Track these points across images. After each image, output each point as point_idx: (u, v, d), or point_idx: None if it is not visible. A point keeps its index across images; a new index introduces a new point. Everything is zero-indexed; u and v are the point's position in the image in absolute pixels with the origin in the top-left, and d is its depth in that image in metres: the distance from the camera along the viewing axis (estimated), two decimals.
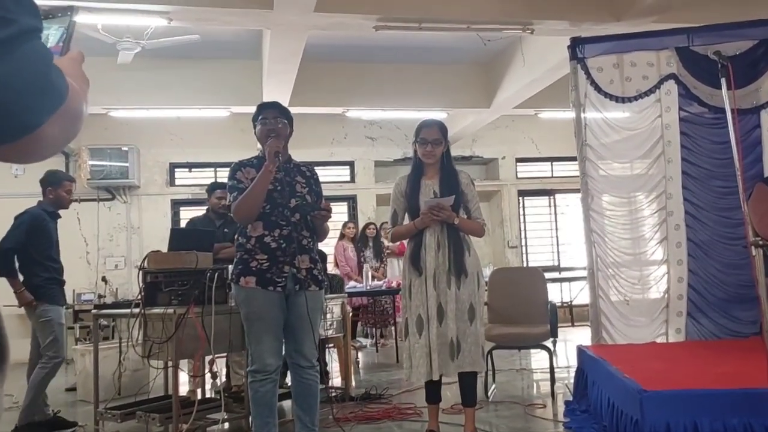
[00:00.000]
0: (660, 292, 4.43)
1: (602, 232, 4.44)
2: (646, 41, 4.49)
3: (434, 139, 3.38)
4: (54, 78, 0.74)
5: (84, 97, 0.83)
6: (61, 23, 0.87)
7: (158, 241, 7.83)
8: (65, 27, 0.87)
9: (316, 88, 7.59)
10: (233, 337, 3.55)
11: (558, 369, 4.84)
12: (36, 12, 0.74)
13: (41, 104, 0.72)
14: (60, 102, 0.75)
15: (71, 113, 0.78)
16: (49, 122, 0.73)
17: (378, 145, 9.95)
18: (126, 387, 4.67)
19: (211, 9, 4.92)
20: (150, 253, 3.76)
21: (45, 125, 0.73)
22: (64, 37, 0.86)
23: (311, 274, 3.01)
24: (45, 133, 0.74)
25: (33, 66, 0.71)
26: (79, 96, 0.80)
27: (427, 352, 3.26)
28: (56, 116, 0.74)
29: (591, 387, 3.67)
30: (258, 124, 3.06)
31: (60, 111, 0.75)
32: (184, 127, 8.98)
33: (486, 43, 6.40)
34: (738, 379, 2.86)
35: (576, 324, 8.84)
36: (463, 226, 3.36)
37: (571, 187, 9.93)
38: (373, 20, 5.28)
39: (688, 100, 4.41)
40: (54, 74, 0.74)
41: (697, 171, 4.44)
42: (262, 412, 2.95)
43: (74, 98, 0.77)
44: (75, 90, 0.78)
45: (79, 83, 0.82)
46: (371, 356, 7.29)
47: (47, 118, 0.73)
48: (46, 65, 0.73)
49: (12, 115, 0.70)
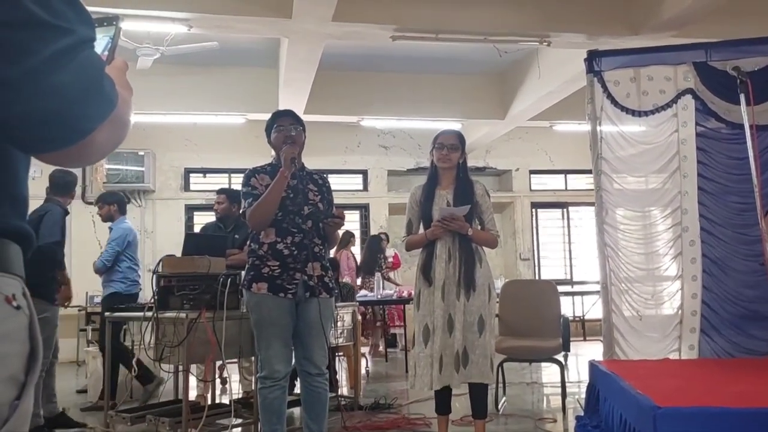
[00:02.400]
0: (674, 308, 4.38)
1: (616, 246, 4.40)
2: (664, 55, 4.47)
3: (451, 144, 3.39)
4: (106, 86, 0.77)
5: (129, 105, 0.87)
6: (107, 32, 0.89)
7: (171, 245, 7.87)
8: (110, 36, 0.89)
9: (332, 96, 7.63)
10: (243, 343, 3.56)
11: (569, 383, 4.80)
12: (91, 22, 0.78)
13: (94, 111, 0.76)
14: (110, 109, 0.78)
15: (120, 120, 0.81)
16: (100, 129, 0.77)
17: (391, 155, 9.97)
18: (137, 390, 4.69)
19: (230, 17, 4.97)
20: (164, 257, 3.78)
21: (96, 132, 0.76)
22: (110, 45, 0.89)
23: (322, 281, 3.02)
24: (96, 139, 0.77)
25: (88, 74, 0.75)
26: (125, 104, 0.83)
27: (430, 363, 3.25)
28: (107, 123, 0.78)
29: (603, 402, 3.63)
30: (273, 132, 3.08)
31: (110, 118, 0.78)
32: (199, 132, 9.05)
33: (502, 55, 6.41)
34: (754, 398, 2.82)
35: (588, 338, 8.77)
36: (475, 238, 3.35)
37: (584, 200, 9.89)
38: (390, 30, 5.31)
39: (705, 115, 4.38)
40: (106, 82, 0.78)
41: (713, 186, 4.40)
42: (270, 419, 2.95)
43: (122, 106, 0.81)
44: (122, 98, 0.82)
45: (124, 91, 0.85)
46: (380, 366, 7.27)
47: (99, 124, 0.76)
48: (99, 74, 0.77)
49: (68, 121, 0.73)
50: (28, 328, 0.78)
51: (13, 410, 0.75)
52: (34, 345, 0.79)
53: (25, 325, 0.78)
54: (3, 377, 0.74)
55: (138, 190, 8.87)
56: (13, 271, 0.78)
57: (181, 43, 5.64)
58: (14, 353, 0.76)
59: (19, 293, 0.78)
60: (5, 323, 0.75)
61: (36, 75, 0.70)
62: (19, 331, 0.77)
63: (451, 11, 5.32)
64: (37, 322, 0.81)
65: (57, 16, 0.72)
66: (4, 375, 0.74)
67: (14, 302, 0.76)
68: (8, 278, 0.77)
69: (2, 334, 0.74)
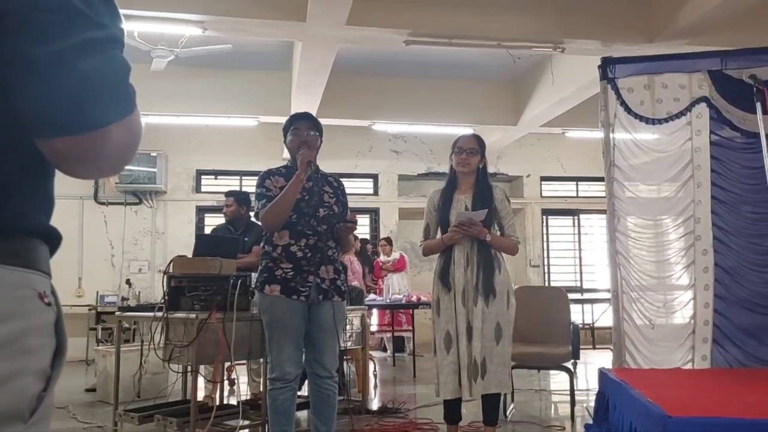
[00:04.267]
0: (685, 318, 4.34)
1: (627, 254, 4.38)
2: (679, 63, 4.45)
3: (470, 148, 3.37)
4: (129, 89, 0.79)
5: (140, 126, 0.87)
6: None
7: (182, 246, 7.91)
8: None
9: (344, 100, 7.66)
10: (253, 345, 3.56)
11: (578, 391, 4.77)
12: (123, 32, 0.81)
13: (113, 106, 0.76)
14: (129, 110, 0.79)
15: (134, 127, 0.82)
16: (115, 126, 0.77)
17: (402, 159, 9.97)
18: (145, 390, 4.71)
19: (245, 20, 5.00)
20: (175, 258, 3.79)
21: (111, 127, 0.76)
22: None
23: (335, 284, 3.02)
24: (109, 134, 0.76)
25: (115, 69, 0.77)
26: (139, 117, 0.84)
27: (456, 369, 3.21)
28: (122, 124, 0.78)
29: (612, 411, 3.60)
30: (289, 135, 3.09)
31: (126, 120, 0.79)
32: (212, 134, 9.10)
33: (515, 61, 6.41)
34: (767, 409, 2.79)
35: (597, 346, 8.72)
36: (494, 243, 3.31)
37: (595, 208, 9.86)
38: (404, 35, 5.32)
39: (720, 123, 4.35)
40: (130, 86, 0.79)
41: (727, 196, 4.37)
42: (279, 420, 2.95)
43: (138, 115, 0.83)
44: (138, 113, 0.83)
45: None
46: (388, 370, 7.26)
47: (114, 120, 0.76)
48: (125, 74, 0.79)
49: (84, 106, 0.73)
50: (55, 324, 0.82)
51: (40, 402, 0.78)
52: (61, 340, 0.83)
53: (53, 321, 0.82)
54: (35, 369, 0.77)
55: (150, 191, 8.92)
56: (43, 270, 0.82)
57: (196, 46, 5.68)
58: (45, 347, 0.80)
59: (48, 291, 0.82)
60: (38, 318, 0.78)
61: (62, 57, 0.71)
62: (49, 326, 0.81)
63: (465, 17, 5.33)
64: (63, 319, 0.84)
65: (93, 10, 0.75)
66: (36, 367, 0.77)
67: (45, 299, 0.80)
68: (40, 276, 0.80)
69: (35, 328, 0.77)
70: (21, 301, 0.76)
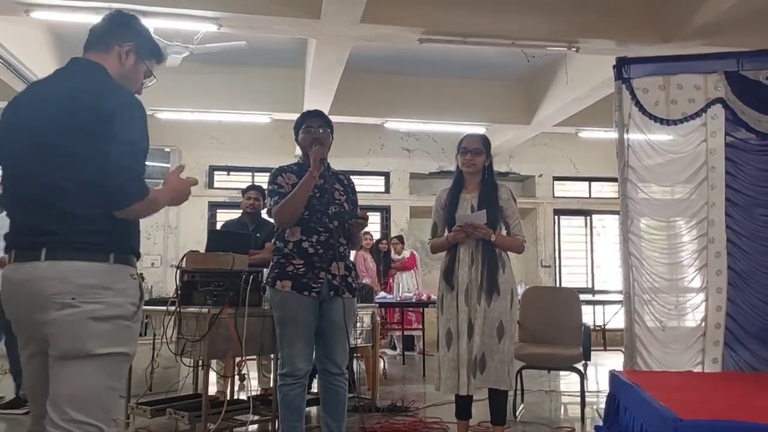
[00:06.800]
0: (697, 320, 4.32)
1: (640, 255, 4.36)
2: (694, 64, 4.42)
3: (475, 149, 3.38)
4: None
5: (160, 202, 1.85)
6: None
7: (194, 242, 7.97)
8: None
9: (357, 97, 7.66)
10: (264, 340, 3.58)
11: (588, 393, 4.75)
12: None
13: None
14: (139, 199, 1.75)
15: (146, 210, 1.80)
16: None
17: (414, 157, 9.97)
18: (157, 383, 4.74)
19: (260, 17, 5.02)
20: (188, 253, 3.82)
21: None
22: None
23: (346, 281, 3.03)
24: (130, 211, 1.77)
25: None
26: (153, 204, 1.80)
27: (455, 366, 3.25)
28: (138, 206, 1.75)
29: (623, 413, 3.59)
30: (301, 132, 3.10)
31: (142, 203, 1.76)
32: (225, 131, 9.15)
33: (529, 60, 6.38)
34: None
35: (609, 348, 8.69)
36: (500, 243, 3.33)
37: (608, 209, 9.81)
38: (419, 33, 5.32)
39: (735, 125, 4.32)
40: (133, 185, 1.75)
41: (741, 198, 4.33)
42: (290, 416, 2.97)
43: (150, 203, 1.78)
44: (151, 200, 1.77)
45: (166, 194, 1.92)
46: (397, 368, 7.27)
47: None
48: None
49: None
50: (139, 288, 1.84)
51: (133, 315, 1.80)
52: (141, 294, 1.85)
53: (137, 285, 1.83)
54: (132, 302, 1.79)
55: None
56: (134, 264, 1.84)
57: (210, 42, 5.71)
58: (133, 296, 1.80)
59: (136, 273, 1.83)
60: (133, 285, 1.81)
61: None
62: (136, 288, 1.83)
63: (480, 15, 5.31)
64: (142, 286, 1.86)
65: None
66: (132, 301, 1.79)
67: (134, 276, 1.82)
68: (133, 268, 1.83)
69: (131, 289, 1.80)
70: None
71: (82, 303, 1.66)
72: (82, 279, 1.67)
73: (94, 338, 1.67)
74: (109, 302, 1.69)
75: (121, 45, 1.89)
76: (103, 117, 1.67)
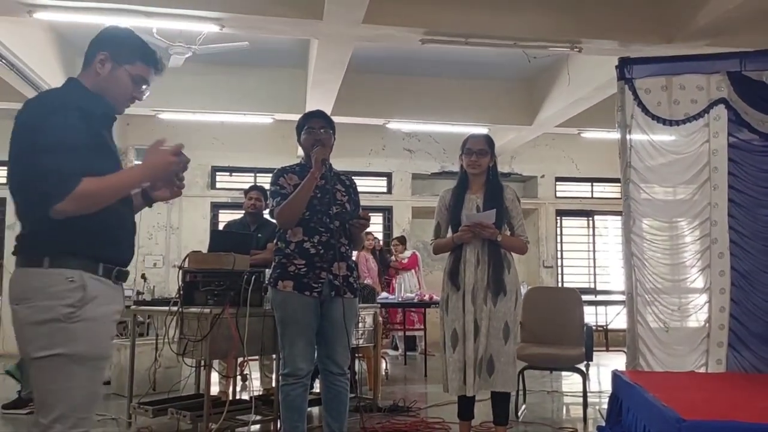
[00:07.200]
0: (700, 321, 4.31)
1: (642, 256, 4.35)
2: (697, 64, 4.41)
3: (479, 149, 3.37)
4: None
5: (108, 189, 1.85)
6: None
7: (196, 242, 7.98)
8: None
9: (359, 98, 7.66)
10: (266, 340, 3.58)
11: (590, 393, 4.74)
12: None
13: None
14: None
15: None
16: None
17: (416, 158, 9.97)
18: (159, 383, 4.75)
19: (262, 17, 5.02)
20: (190, 253, 3.82)
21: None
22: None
23: (347, 281, 3.03)
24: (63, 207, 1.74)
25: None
26: (91, 196, 1.77)
27: (461, 367, 3.23)
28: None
29: (626, 413, 3.58)
30: (303, 133, 3.10)
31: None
32: (227, 131, 9.15)
33: (531, 60, 6.37)
34: None
35: (611, 349, 8.67)
36: (505, 243, 3.32)
37: (610, 209, 9.80)
38: (420, 33, 5.32)
39: (738, 125, 4.31)
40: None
41: (744, 199, 4.32)
42: (291, 416, 2.97)
43: (82, 197, 1.74)
44: (83, 193, 1.74)
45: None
46: (399, 368, 7.27)
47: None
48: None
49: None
50: (81, 289, 1.79)
51: (69, 316, 1.76)
52: (83, 295, 1.79)
53: (76, 287, 1.78)
54: (66, 303, 1.76)
55: None
56: (75, 266, 1.81)
57: (213, 43, 5.71)
58: (68, 298, 1.76)
59: (78, 275, 1.79)
60: (69, 288, 1.77)
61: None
62: (73, 291, 1.78)
63: (482, 16, 5.31)
64: (87, 287, 1.80)
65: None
66: (66, 303, 1.76)
67: (71, 279, 1.78)
68: (72, 270, 1.80)
69: (66, 292, 1.78)
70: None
71: (20, 308, 1.76)
72: (21, 284, 1.78)
73: (32, 342, 1.74)
74: (41, 306, 1.73)
75: (95, 56, 1.94)
76: (33, 129, 1.76)
